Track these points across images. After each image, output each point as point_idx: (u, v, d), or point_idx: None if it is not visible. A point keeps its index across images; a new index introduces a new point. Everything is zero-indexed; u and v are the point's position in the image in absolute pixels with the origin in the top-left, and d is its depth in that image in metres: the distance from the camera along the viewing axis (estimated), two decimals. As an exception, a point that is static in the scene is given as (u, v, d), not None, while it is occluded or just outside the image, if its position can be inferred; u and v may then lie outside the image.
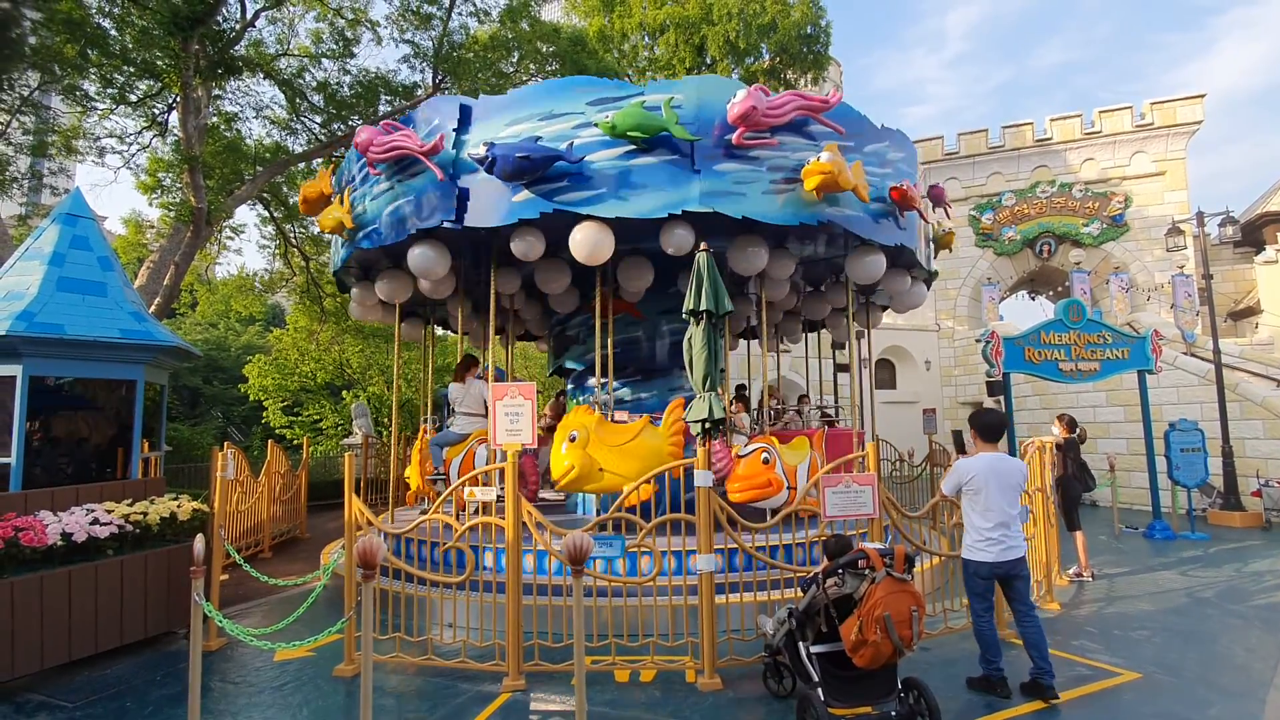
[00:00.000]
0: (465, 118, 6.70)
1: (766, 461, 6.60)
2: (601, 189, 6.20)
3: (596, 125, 6.08)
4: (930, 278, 9.45)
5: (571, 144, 6.21)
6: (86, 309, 6.68)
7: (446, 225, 6.51)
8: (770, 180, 6.29)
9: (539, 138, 6.25)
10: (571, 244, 6.27)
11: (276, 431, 19.63)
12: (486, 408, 7.63)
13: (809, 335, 12.09)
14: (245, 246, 79.12)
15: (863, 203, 6.64)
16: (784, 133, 6.35)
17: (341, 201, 7.39)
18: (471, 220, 6.50)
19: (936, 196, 8.57)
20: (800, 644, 3.91)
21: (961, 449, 12.03)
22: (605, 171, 6.21)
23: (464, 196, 6.52)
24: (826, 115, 6.51)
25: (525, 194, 6.27)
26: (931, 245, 9.13)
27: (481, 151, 6.12)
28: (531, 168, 6.08)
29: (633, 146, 6.13)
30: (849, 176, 6.16)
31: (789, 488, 6.67)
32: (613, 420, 7.12)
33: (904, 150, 7.69)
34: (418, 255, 6.88)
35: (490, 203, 6.42)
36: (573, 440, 6.59)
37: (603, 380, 7.62)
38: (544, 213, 6.25)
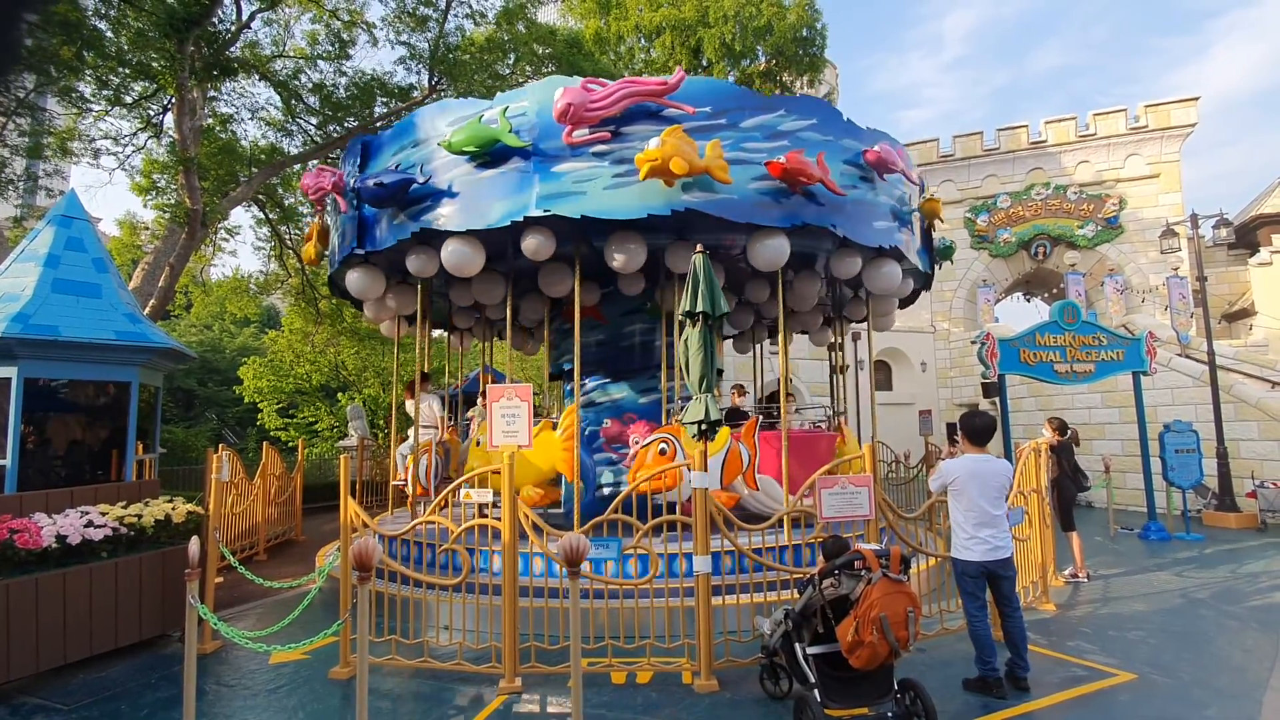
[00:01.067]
0: (367, 152, 7.33)
1: (664, 453, 6.71)
2: (457, 204, 6.52)
3: (440, 145, 6.52)
4: (929, 257, 8.58)
5: (421, 166, 6.66)
6: (81, 311, 6.65)
7: (358, 252, 7.17)
8: (615, 175, 6.14)
9: (399, 165, 6.83)
10: (442, 259, 6.68)
11: (271, 434, 19.59)
12: (436, 419, 8.66)
13: (800, 337, 12.10)
14: (240, 248, 79.19)
15: (742, 184, 6.21)
16: (632, 122, 6.20)
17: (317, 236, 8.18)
18: (370, 245, 7.11)
19: (878, 162, 7.09)
20: (797, 645, 3.91)
21: (955, 443, 12.06)
22: (461, 188, 6.52)
23: (365, 225, 7.14)
24: (675, 96, 6.20)
25: (401, 217, 6.81)
26: (909, 219, 7.88)
27: (353, 183, 6.78)
28: (388, 193, 6.60)
29: (479, 161, 6.39)
30: (686, 160, 5.78)
31: None
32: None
33: (811, 116, 6.73)
34: (352, 280, 7.58)
35: (381, 228, 7.02)
36: (478, 445, 7.15)
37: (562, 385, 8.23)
38: (414, 232, 6.69)
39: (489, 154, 6.32)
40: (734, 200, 6.27)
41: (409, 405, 8.96)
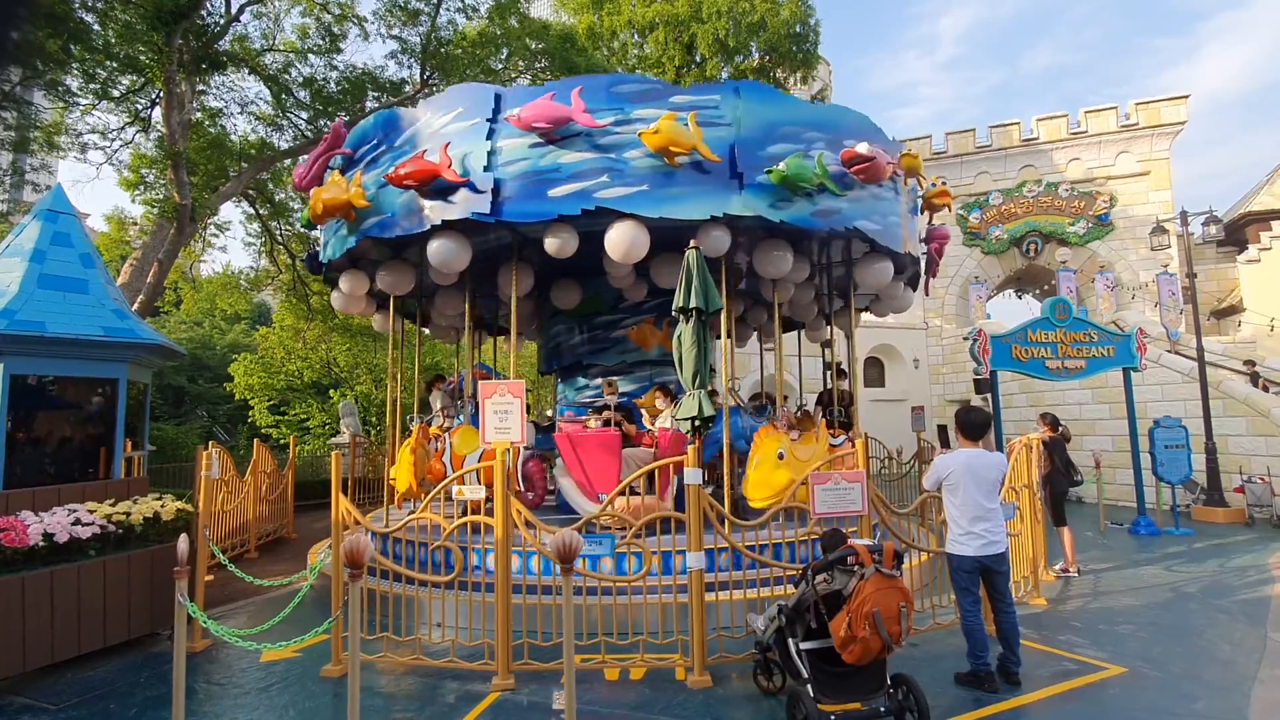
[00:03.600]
0: None
1: (437, 449, 7.69)
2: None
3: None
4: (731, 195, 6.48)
5: None
6: (68, 306, 6.58)
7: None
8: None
9: None
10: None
11: (263, 431, 19.47)
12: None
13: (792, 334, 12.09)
14: (231, 244, 78.66)
15: (394, 200, 6.76)
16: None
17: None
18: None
19: (525, 124, 6.17)
20: (790, 641, 3.91)
21: (946, 443, 12.09)
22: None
23: None
24: (349, 141, 7.53)
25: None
26: (631, 168, 6.32)
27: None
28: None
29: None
30: (324, 201, 6.92)
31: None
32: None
33: (456, 106, 6.55)
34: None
35: None
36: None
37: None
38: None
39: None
40: (390, 219, 6.80)
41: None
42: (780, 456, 6.48)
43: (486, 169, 6.25)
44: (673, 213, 6.25)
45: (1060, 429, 8.61)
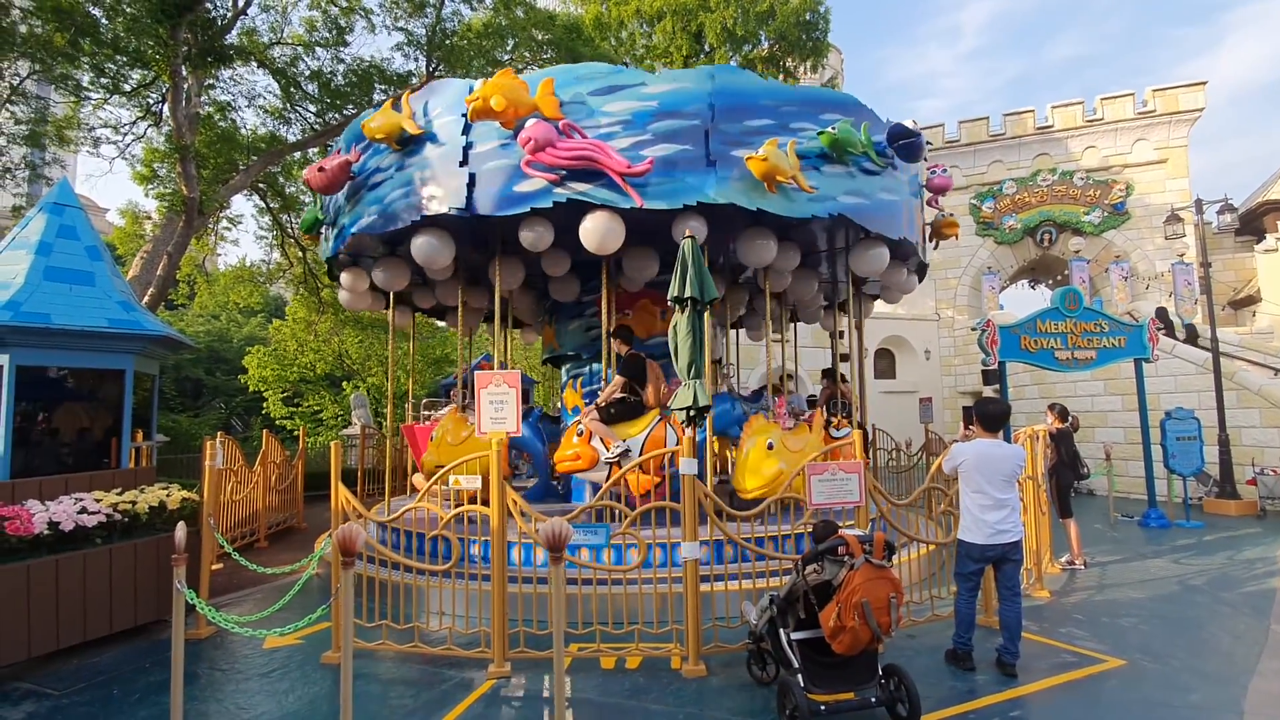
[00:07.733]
0: None
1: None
2: None
3: None
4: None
5: None
6: (74, 298, 6.64)
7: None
8: None
9: None
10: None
11: (277, 422, 19.71)
12: None
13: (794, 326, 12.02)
14: (243, 237, 79.31)
15: None
16: None
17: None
18: None
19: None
20: (781, 631, 3.91)
21: (969, 423, 12.01)
22: None
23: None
24: None
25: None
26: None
27: None
28: None
29: None
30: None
31: None
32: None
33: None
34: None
35: None
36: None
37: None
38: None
39: None
40: None
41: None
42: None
43: None
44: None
45: (1070, 420, 8.52)
